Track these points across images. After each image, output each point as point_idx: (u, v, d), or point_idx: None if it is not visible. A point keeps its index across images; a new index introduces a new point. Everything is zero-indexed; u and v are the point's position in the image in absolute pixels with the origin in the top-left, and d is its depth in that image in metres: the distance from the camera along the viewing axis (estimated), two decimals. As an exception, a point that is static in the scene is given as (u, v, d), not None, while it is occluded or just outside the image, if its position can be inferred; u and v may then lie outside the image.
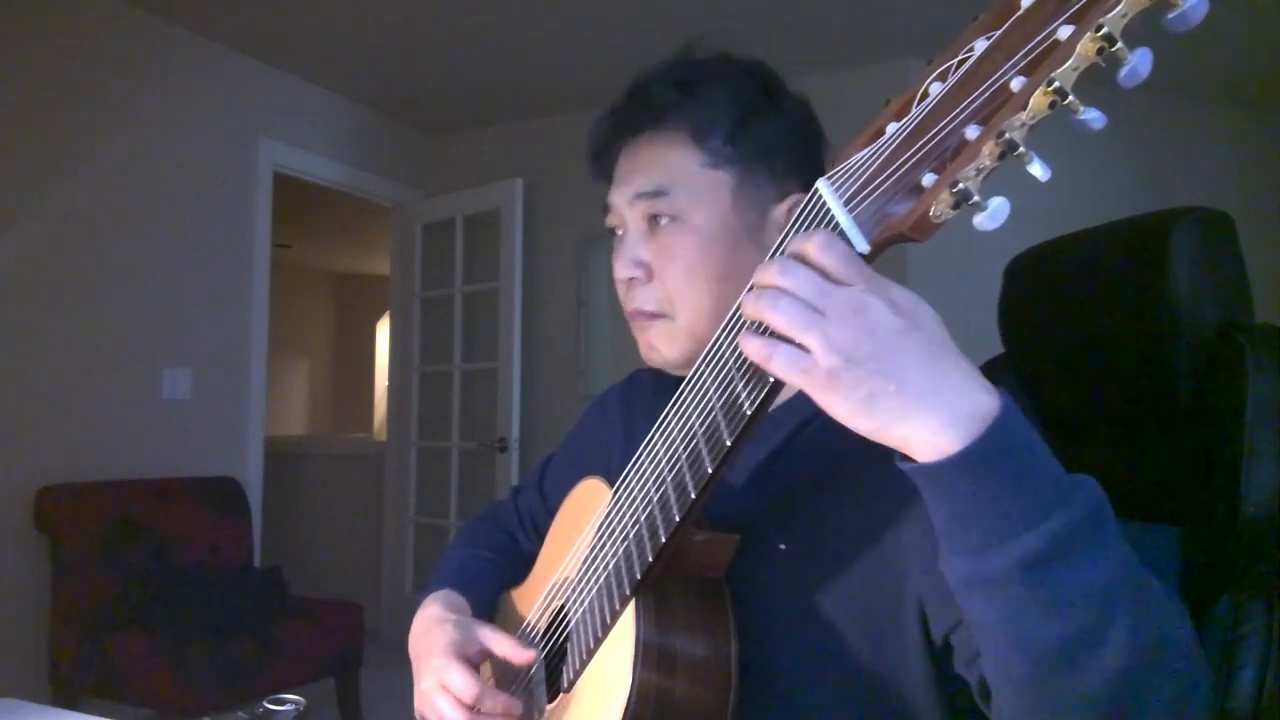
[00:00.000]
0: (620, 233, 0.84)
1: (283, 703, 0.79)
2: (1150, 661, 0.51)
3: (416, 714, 0.83)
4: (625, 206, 0.82)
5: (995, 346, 1.05)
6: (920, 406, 0.50)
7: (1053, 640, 0.50)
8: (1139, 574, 0.52)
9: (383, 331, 7.19)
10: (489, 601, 0.97)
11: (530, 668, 0.83)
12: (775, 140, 0.80)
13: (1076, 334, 0.93)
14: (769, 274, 0.52)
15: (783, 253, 0.56)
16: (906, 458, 0.52)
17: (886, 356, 0.49)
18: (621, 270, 0.82)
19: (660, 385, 0.96)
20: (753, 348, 0.52)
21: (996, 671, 0.56)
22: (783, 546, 0.72)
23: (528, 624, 0.88)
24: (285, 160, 3.57)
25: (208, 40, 3.27)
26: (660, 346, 0.81)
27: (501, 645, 0.79)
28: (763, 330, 0.53)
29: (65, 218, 2.83)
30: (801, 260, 0.52)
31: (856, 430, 0.52)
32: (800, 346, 0.50)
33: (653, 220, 0.81)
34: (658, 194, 0.79)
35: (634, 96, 0.85)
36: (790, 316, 0.50)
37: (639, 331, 0.83)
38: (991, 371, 1.06)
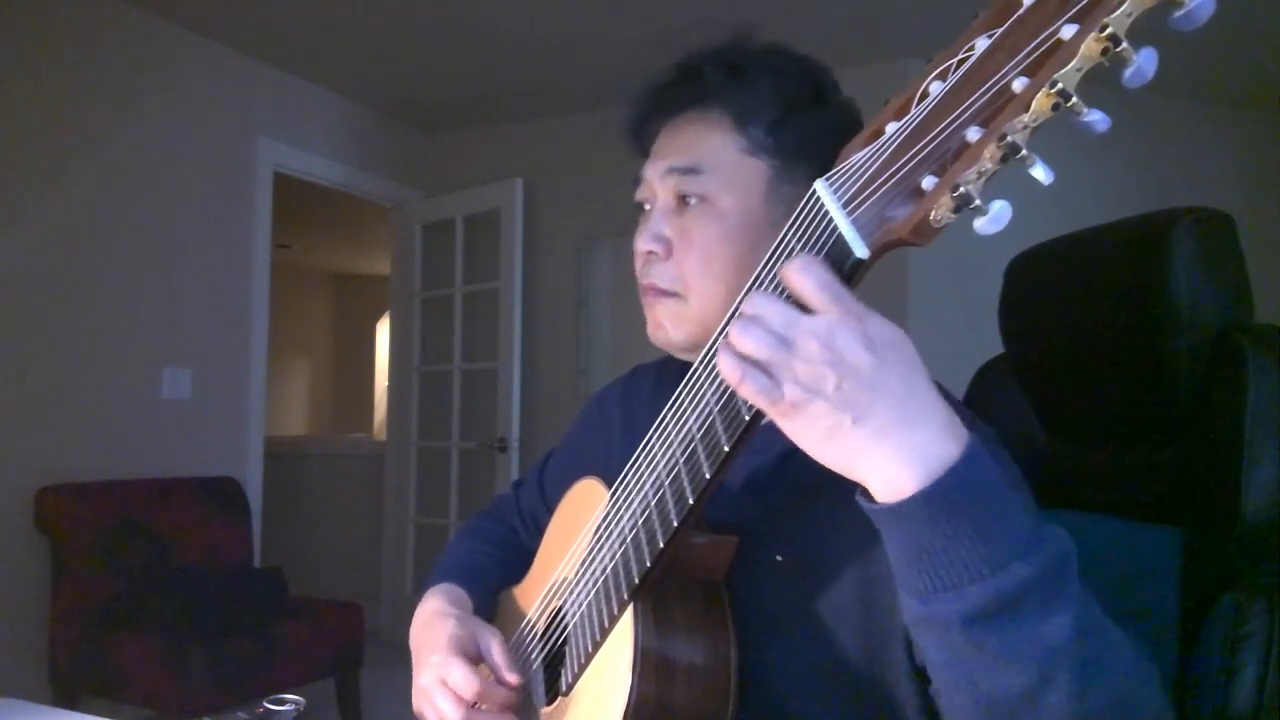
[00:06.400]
0: (648, 208, 0.83)
1: (283, 703, 0.79)
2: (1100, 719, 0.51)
3: (414, 709, 0.83)
4: (657, 180, 0.81)
5: (995, 346, 1.05)
6: (878, 445, 0.49)
7: (995, 690, 0.51)
8: (1099, 630, 0.52)
9: (383, 331, 7.18)
10: (491, 597, 0.97)
11: (529, 668, 0.83)
12: (818, 139, 0.78)
13: (1076, 334, 0.93)
14: (746, 301, 0.52)
15: (784, 256, 0.55)
16: (868, 494, 0.52)
17: (849, 391, 0.49)
18: (641, 243, 0.80)
19: (662, 382, 0.96)
20: (724, 366, 0.52)
21: (946, 707, 0.57)
22: (779, 558, 0.72)
23: (527, 623, 0.88)
24: (285, 160, 3.57)
25: (208, 40, 3.27)
26: (667, 325, 0.81)
27: (495, 658, 0.79)
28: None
29: (65, 218, 2.82)
30: (783, 280, 0.52)
31: (819, 461, 0.52)
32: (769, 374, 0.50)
33: (682, 199, 0.80)
34: (690, 171, 0.78)
35: (682, 74, 0.83)
36: (757, 344, 0.50)
37: (648, 308, 0.83)
38: (992, 371, 1.06)
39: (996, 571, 0.49)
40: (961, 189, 0.45)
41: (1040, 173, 0.44)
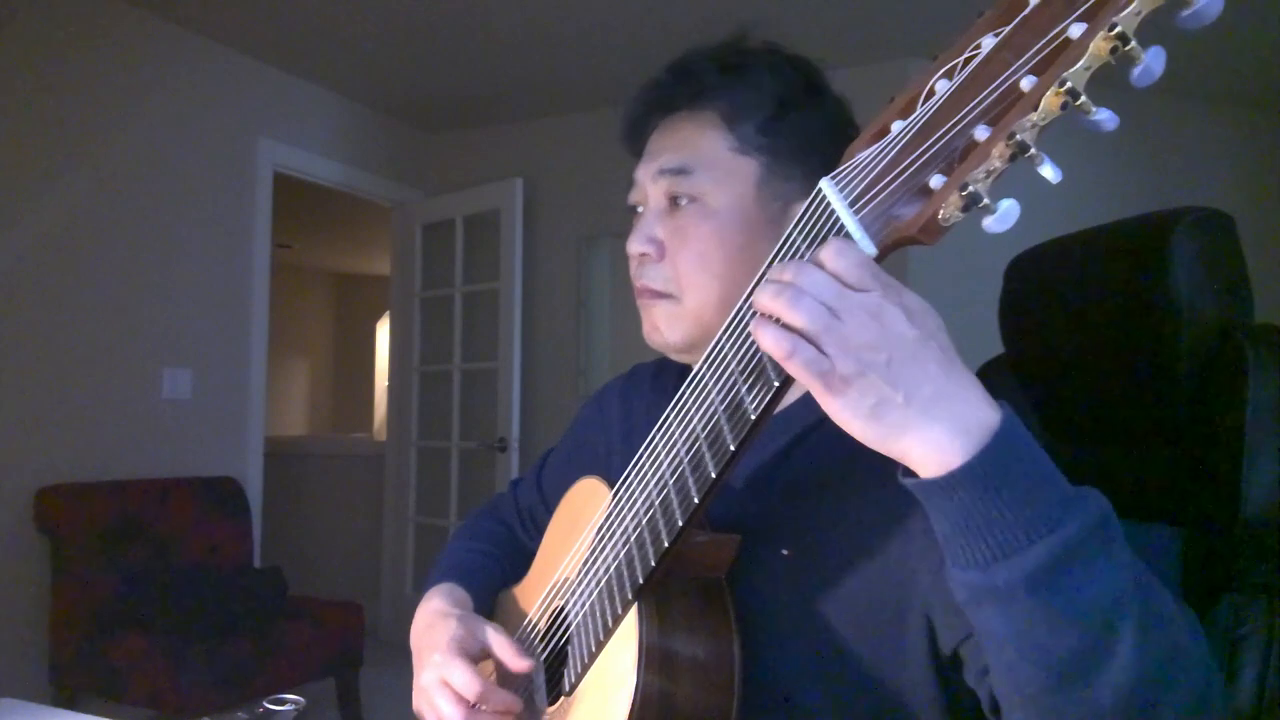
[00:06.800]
0: (640, 210, 0.83)
1: (283, 703, 0.79)
2: (1160, 672, 0.51)
3: (414, 708, 0.83)
4: (649, 182, 0.81)
5: (995, 346, 1.05)
6: (924, 419, 0.49)
7: (1063, 652, 0.50)
8: (1147, 584, 0.52)
9: (383, 331, 7.18)
10: (490, 596, 0.97)
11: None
12: (811, 136, 0.79)
13: (1077, 334, 0.93)
14: (787, 272, 0.51)
15: (789, 255, 0.55)
16: (909, 471, 0.52)
17: (898, 365, 0.49)
18: (634, 245, 0.80)
19: (661, 381, 0.96)
20: (771, 339, 0.50)
21: (1007, 685, 0.55)
22: (785, 552, 0.72)
23: (528, 623, 0.88)
24: (285, 160, 3.57)
25: (208, 40, 3.27)
26: (663, 327, 0.80)
27: (501, 649, 0.79)
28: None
29: (65, 217, 2.82)
30: (817, 265, 0.51)
31: (859, 439, 0.51)
32: (816, 348, 0.50)
33: (673, 200, 0.79)
34: (681, 172, 0.78)
35: (674, 73, 0.83)
36: (813, 316, 0.49)
37: (643, 310, 0.82)
38: (992, 371, 1.06)
39: (1051, 530, 0.49)
40: (970, 188, 0.45)
41: (1049, 171, 0.44)
